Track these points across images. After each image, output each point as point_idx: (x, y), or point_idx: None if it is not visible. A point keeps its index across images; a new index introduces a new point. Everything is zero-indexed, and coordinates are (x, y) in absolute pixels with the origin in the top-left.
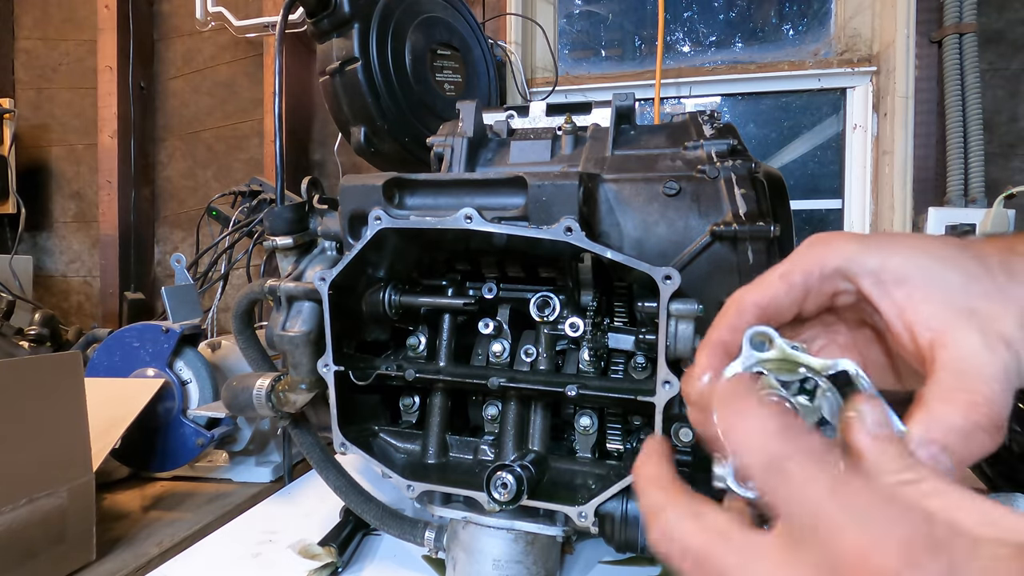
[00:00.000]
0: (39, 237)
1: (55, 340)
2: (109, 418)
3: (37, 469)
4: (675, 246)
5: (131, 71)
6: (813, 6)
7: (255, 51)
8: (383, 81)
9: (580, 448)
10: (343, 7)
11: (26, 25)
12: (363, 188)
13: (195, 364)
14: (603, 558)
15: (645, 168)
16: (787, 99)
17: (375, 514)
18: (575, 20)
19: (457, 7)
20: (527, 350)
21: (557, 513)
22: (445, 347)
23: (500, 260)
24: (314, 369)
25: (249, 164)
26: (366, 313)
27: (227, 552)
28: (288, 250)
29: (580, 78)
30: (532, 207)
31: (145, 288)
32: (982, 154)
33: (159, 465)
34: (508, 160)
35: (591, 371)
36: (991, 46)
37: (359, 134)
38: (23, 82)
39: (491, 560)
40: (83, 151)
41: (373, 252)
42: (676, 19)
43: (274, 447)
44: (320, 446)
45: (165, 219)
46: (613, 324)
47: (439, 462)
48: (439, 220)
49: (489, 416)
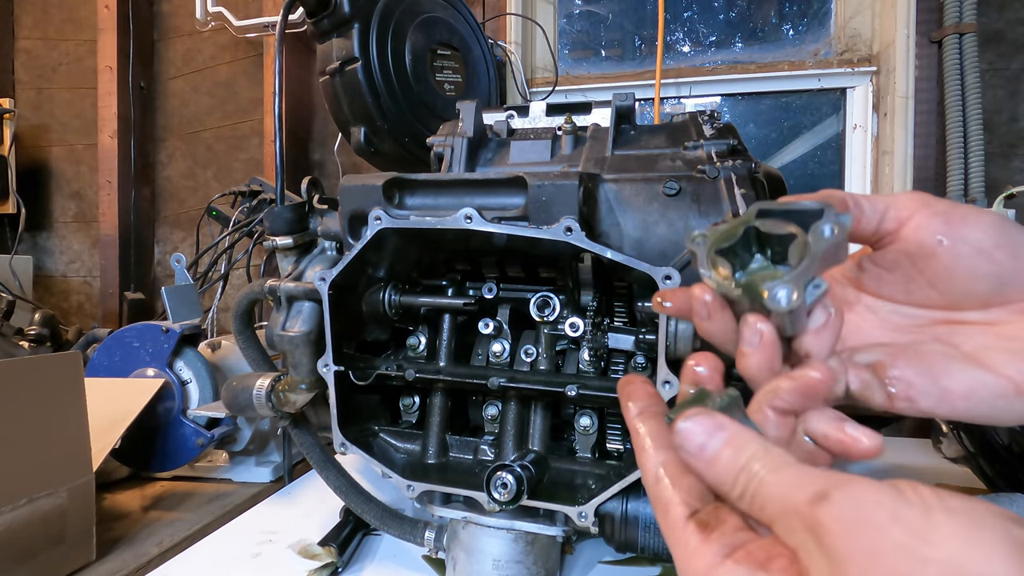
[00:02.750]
0: (39, 237)
1: (55, 340)
2: (109, 418)
3: (37, 469)
4: (675, 246)
5: (131, 71)
6: (813, 6)
7: (255, 51)
8: (383, 81)
9: (580, 448)
10: (343, 7)
11: (26, 25)
12: (363, 188)
13: (195, 364)
14: (603, 558)
15: (645, 168)
16: (787, 99)
17: (375, 514)
18: (575, 20)
19: (457, 7)
20: (527, 350)
21: (557, 513)
22: (445, 347)
23: (500, 260)
24: (314, 369)
25: (249, 164)
26: (366, 313)
27: (227, 552)
28: (288, 250)
29: (580, 78)
30: (532, 207)
31: (145, 288)
32: (982, 154)
33: (159, 465)
34: (508, 160)
35: (591, 371)
36: (991, 46)
37: (359, 134)
38: (23, 82)
39: (491, 560)
40: (83, 151)
41: (373, 252)
42: (676, 19)
43: (274, 447)
44: (320, 446)
45: (165, 219)
46: (613, 324)
47: (439, 462)
48: (439, 220)
49: (489, 416)
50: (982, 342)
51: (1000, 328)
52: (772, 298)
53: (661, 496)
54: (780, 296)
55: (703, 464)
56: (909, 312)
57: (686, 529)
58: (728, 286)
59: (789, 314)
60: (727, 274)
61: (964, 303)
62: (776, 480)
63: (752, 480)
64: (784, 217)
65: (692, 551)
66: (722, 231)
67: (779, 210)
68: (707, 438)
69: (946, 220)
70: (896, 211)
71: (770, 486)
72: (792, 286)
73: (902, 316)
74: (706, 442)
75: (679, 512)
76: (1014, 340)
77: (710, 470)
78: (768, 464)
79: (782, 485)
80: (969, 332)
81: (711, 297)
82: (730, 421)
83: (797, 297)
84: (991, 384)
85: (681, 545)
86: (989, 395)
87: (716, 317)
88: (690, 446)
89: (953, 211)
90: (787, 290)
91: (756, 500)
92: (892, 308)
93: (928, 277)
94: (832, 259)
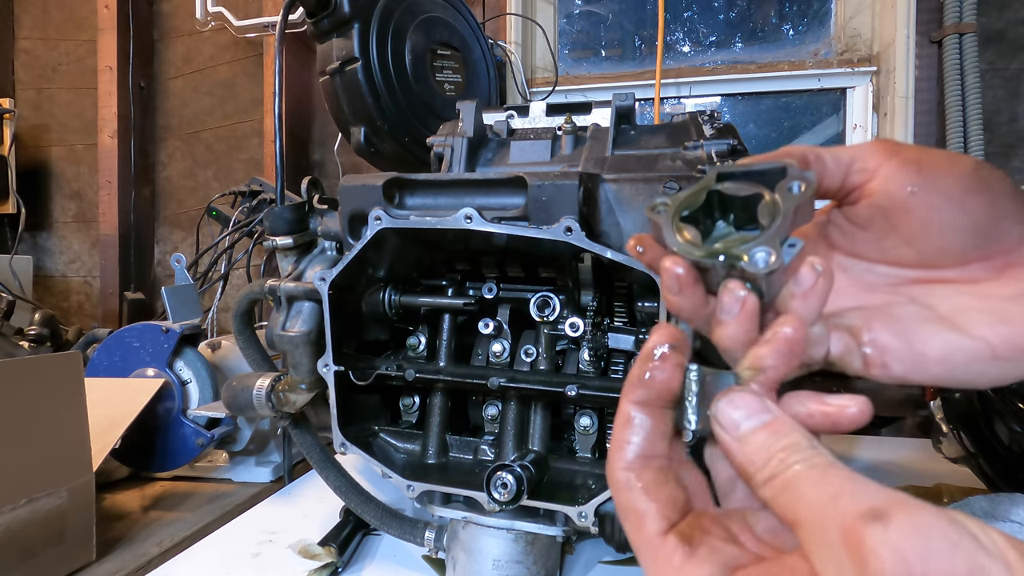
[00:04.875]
0: (39, 237)
1: (55, 340)
2: (109, 418)
3: (37, 469)
4: None
5: (131, 71)
6: (813, 6)
7: (255, 51)
8: (383, 81)
9: (580, 448)
10: (343, 7)
11: (26, 25)
12: (363, 188)
13: (195, 364)
14: (603, 558)
15: (645, 168)
16: (787, 99)
17: (375, 514)
18: (575, 20)
19: (457, 7)
20: (527, 350)
21: (557, 513)
22: (445, 347)
23: (500, 260)
24: (314, 369)
25: (249, 164)
26: (366, 313)
27: (227, 552)
28: (288, 250)
29: (580, 78)
30: (532, 207)
31: (145, 288)
32: (982, 154)
33: (159, 465)
34: (508, 160)
35: (591, 371)
36: (991, 46)
37: (359, 134)
38: (23, 82)
39: (491, 560)
40: (83, 151)
41: (373, 252)
42: (676, 19)
43: (274, 447)
44: (320, 446)
45: (165, 219)
46: (613, 324)
47: (439, 462)
48: (439, 220)
49: (489, 416)
50: (959, 303)
51: (978, 287)
52: (751, 261)
53: (634, 506)
54: (758, 258)
55: (735, 440)
56: (884, 271)
57: (665, 544)
58: (699, 254)
59: (767, 276)
60: (696, 241)
61: (940, 260)
62: (819, 479)
63: (787, 469)
64: (745, 179)
65: (676, 569)
66: (683, 198)
67: (739, 172)
68: (747, 416)
69: (917, 168)
70: (862, 162)
71: (810, 483)
72: (769, 247)
73: (876, 275)
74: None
75: (655, 527)
76: (991, 299)
77: (741, 448)
78: (811, 460)
79: (826, 487)
80: (946, 292)
81: (683, 269)
82: (776, 407)
83: (776, 258)
84: (967, 348)
85: (662, 563)
86: (965, 359)
87: (687, 291)
88: (726, 420)
89: (924, 157)
90: (765, 251)
91: (787, 492)
92: (866, 267)
93: (902, 233)
94: (801, 217)
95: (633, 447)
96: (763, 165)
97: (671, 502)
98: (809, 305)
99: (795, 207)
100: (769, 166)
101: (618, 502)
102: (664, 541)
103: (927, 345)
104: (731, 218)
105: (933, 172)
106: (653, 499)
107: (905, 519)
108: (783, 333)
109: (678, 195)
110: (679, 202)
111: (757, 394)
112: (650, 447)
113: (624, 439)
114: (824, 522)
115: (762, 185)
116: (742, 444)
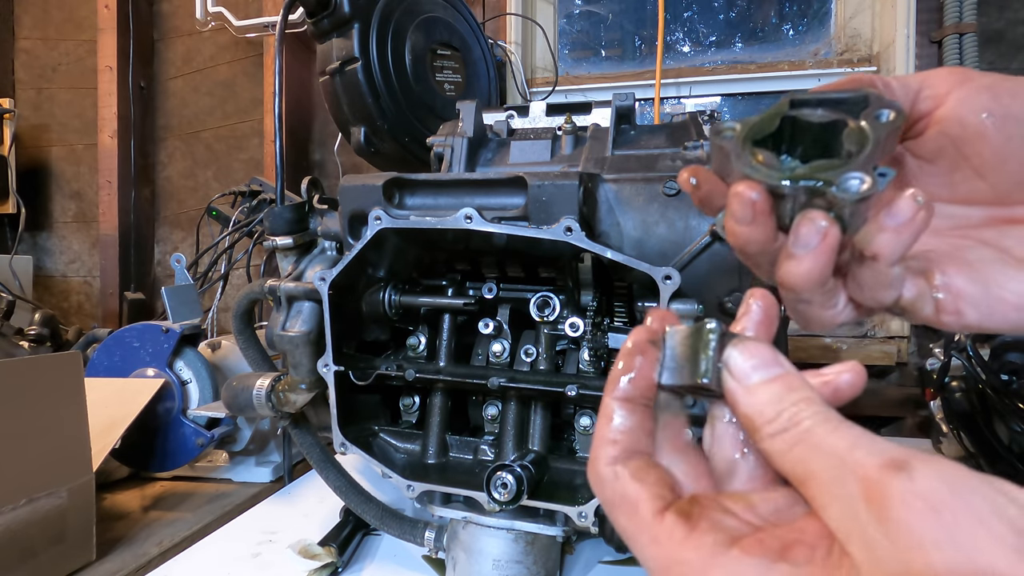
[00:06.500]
0: (39, 237)
1: (55, 340)
2: (109, 418)
3: (37, 469)
4: (675, 246)
5: (131, 71)
6: (813, 6)
7: (255, 51)
8: (383, 81)
9: (580, 448)
10: (343, 7)
11: (26, 25)
12: (363, 188)
13: (195, 364)
14: (603, 558)
15: (645, 168)
16: None
17: (375, 514)
18: (575, 20)
19: (457, 7)
20: (527, 350)
21: (557, 513)
22: (445, 347)
23: (500, 260)
24: (314, 369)
25: (249, 164)
26: (366, 313)
27: (227, 552)
28: (288, 250)
29: (580, 78)
30: (532, 207)
31: (145, 288)
32: None
33: (159, 465)
34: (508, 160)
35: (591, 371)
36: (991, 46)
37: (359, 134)
38: (23, 82)
39: (491, 560)
40: (83, 151)
41: (373, 252)
42: (676, 19)
43: (274, 447)
44: (320, 446)
45: (165, 219)
46: (613, 324)
47: (439, 462)
48: (439, 220)
49: (489, 416)
50: None
51: None
52: (843, 186)
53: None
54: (851, 183)
55: (744, 390)
56: (952, 212)
57: (664, 522)
58: (780, 177)
59: (856, 204)
60: (775, 165)
61: (1016, 195)
62: (833, 433)
63: (799, 424)
64: (825, 106)
65: (679, 543)
66: (754, 123)
67: (814, 99)
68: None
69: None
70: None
71: (824, 436)
72: (863, 172)
73: (944, 218)
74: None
75: (650, 508)
76: None
77: (750, 398)
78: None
79: (840, 440)
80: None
81: (759, 194)
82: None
83: (870, 184)
84: None
85: (664, 540)
86: None
87: (760, 219)
88: (737, 368)
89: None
90: (859, 177)
91: (800, 445)
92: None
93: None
94: (887, 148)
95: (617, 444)
96: (839, 94)
97: (662, 483)
98: (900, 240)
99: (885, 135)
100: (849, 94)
101: (605, 497)
102: (662, 519)
103: (1004, 289)
104: (798, 151)
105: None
106: (643, 483)
107: (928, 469)
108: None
109: (747, 119)
110: (749, 126)
111: (771, 347)
112: (634, 443)
113: (606, 436)
114: (841, 474)
115: (845, 113)
116: (751, 394)
